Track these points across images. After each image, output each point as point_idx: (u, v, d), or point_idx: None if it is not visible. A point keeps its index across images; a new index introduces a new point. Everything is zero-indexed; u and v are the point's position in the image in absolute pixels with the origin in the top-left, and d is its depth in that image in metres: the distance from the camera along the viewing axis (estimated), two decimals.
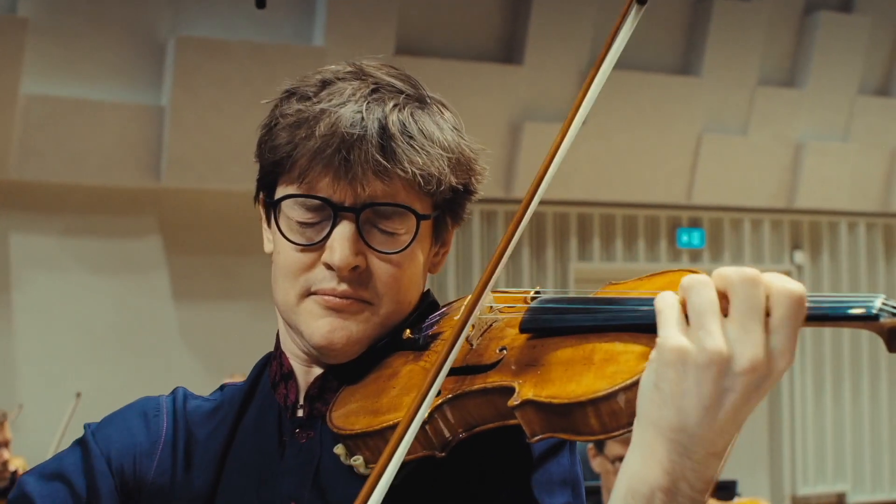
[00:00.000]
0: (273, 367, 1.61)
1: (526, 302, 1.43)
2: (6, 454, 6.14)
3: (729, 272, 1.12)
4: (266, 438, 1.55)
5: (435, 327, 1.51)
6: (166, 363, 8.00)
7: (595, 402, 1.21)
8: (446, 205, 1.56)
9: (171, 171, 7.86)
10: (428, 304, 1.58)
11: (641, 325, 1.24)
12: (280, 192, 1.52)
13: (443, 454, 1.35)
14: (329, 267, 1.47)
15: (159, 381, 8.18)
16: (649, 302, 1.20)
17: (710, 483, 1.15)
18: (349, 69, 1.55)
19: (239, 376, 6.67)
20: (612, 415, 1.22)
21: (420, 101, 1.54)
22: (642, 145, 9.19)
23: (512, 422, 1.31)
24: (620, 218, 9.70)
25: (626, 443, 3.88)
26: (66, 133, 7.65)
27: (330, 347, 1.48)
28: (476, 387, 1.33)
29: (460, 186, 1.55)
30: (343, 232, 1.46)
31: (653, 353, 1.15)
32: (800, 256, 10.36)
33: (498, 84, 8.60)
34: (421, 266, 1.55)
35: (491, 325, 1.42)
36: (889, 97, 10.25)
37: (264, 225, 1.60)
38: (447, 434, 1.36)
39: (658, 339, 1.14)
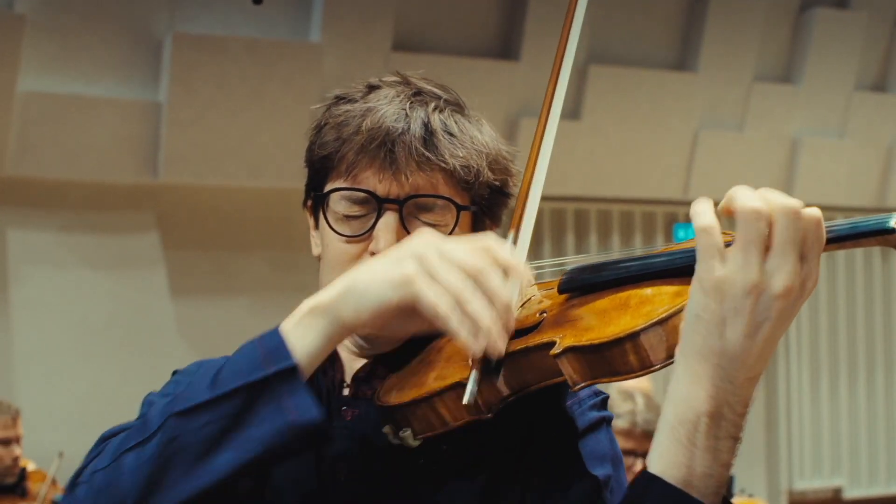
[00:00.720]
0: None
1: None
2: (17, 450, 6.17)
3: (774, 201, 1.20)
4: None
5: None
6: (163, 359, 7.97)
7: (633, 338, 1.28)
8: (484, 203, 1.65)
9: (168, 167, 7.85)
10: None
11: (674, 270, 1.32)
12: (328, 187, 1.62)
13: (489, 415, 1.40)
14: (375, 255, 1.54)
15: (156, 377, 8.17)
16: (677, 253, 1.31)
17: (748, 407, 1.23)
18: (394, 78, 1.68)
19: None
20: (650, 349, 1.28)
21: (459, 108, 1.66)
22: (639, 141, 9.19)
23: (555, 380, 1.37)
24: (617, 213, 9.70)
25: (629, 436, 3.90)
26: (63, 129, 7.65)
27: (375, 335, 1.54)
28: (519, 348, 1.38)
29: (497, 183, 1.66)
30: (387, 222, 1.55)
31: (694, 285, 1.22)
32: None
33: (494, 80, 8.59)
34: None
35: (530, 298, 1.50)
36: (885, 93, 10.25)
37: (312, 231, 1.70)
38: (493, 398, 1.41)
39: (698, 270, 1.22)
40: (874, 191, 10.35)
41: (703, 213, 1.25)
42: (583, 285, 1.43)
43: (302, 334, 1.36)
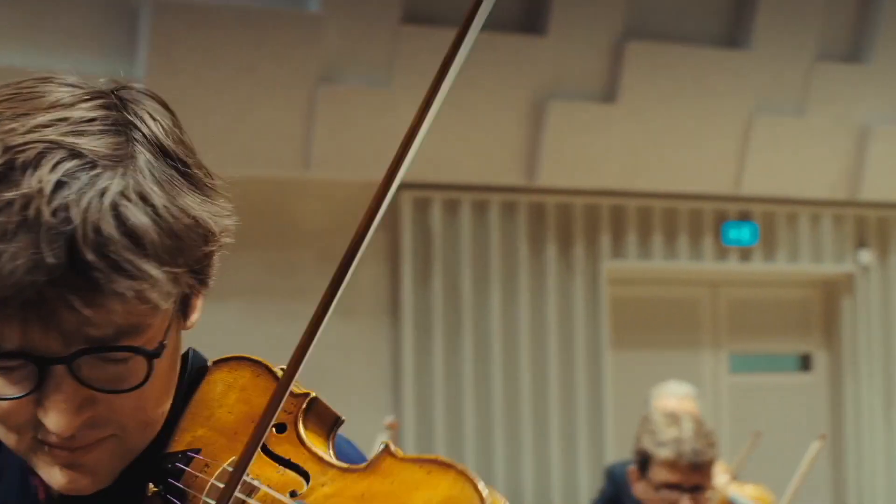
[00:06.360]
0: None
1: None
2: None
3: None
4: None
5: (181, 482, 1.42)
6: None
7: None
8: (192, 275, 1.35)
9: None
10: (196, 370, 1.52)
11: None
12: None
13: None
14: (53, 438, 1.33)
15: None
16: None
17: None
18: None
19: None
20: None
21: (114, 166, 1.26)
22: (684, 128, 9.18)
23: None
24: (659, 210, 9.69)
25: (674, 468, 3.90)
26: None
27: (77, 495, 1.40)
28: None
29: (209, 248, 1.36)
30: (57, 388, 1.28)
31: None
32: (865, 256, 10.34)
33: (519, 57, 8.59)
34: (168, 366, 1.41)
35: None
36: None
37: None
38: None
39: None
40: None
41: None
42: None
43: None
